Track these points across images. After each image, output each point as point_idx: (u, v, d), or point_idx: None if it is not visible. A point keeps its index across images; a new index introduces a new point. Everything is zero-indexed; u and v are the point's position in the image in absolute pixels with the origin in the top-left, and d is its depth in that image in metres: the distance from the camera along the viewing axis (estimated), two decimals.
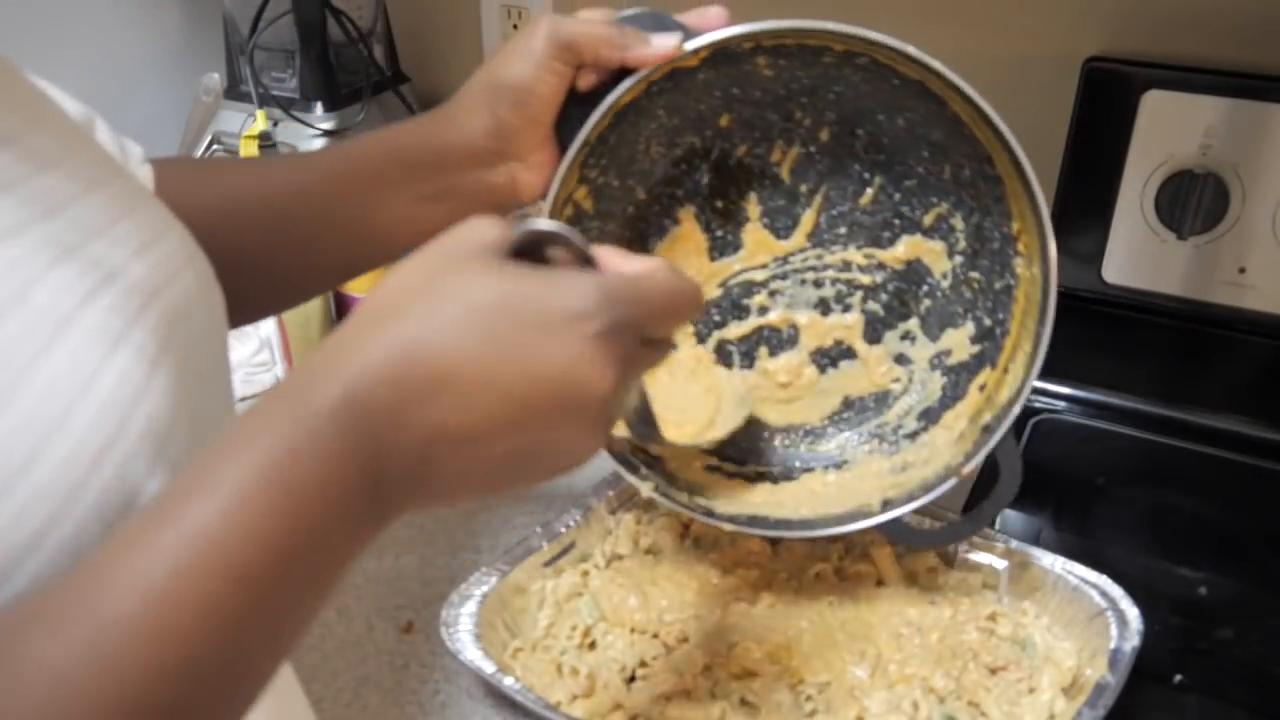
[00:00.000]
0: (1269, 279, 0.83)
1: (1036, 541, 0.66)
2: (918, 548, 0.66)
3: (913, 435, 0.65)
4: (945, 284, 0.64)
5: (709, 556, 0.68)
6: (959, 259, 0.63)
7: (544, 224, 0.38)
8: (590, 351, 0.35)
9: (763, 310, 0.65)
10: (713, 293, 0.65)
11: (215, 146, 1.11)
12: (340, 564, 0.34)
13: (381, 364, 0.33)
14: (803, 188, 0.63)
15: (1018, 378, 0.60)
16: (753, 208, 0.64)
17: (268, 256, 0.54)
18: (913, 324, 0.65)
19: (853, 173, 0.63)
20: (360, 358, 0.33)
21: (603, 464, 0.80)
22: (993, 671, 0.59)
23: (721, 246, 0.65)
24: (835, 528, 0.61)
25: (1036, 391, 0.94)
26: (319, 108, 1.09)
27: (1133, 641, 0.58)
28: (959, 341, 0.64)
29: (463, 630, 0.60)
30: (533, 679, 0.60)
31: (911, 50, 0.54)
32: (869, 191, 0.63)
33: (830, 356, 0.66)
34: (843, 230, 0.64)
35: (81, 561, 0.30)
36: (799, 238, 0.64)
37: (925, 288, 0.64)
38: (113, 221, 0.37)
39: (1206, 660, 0.66)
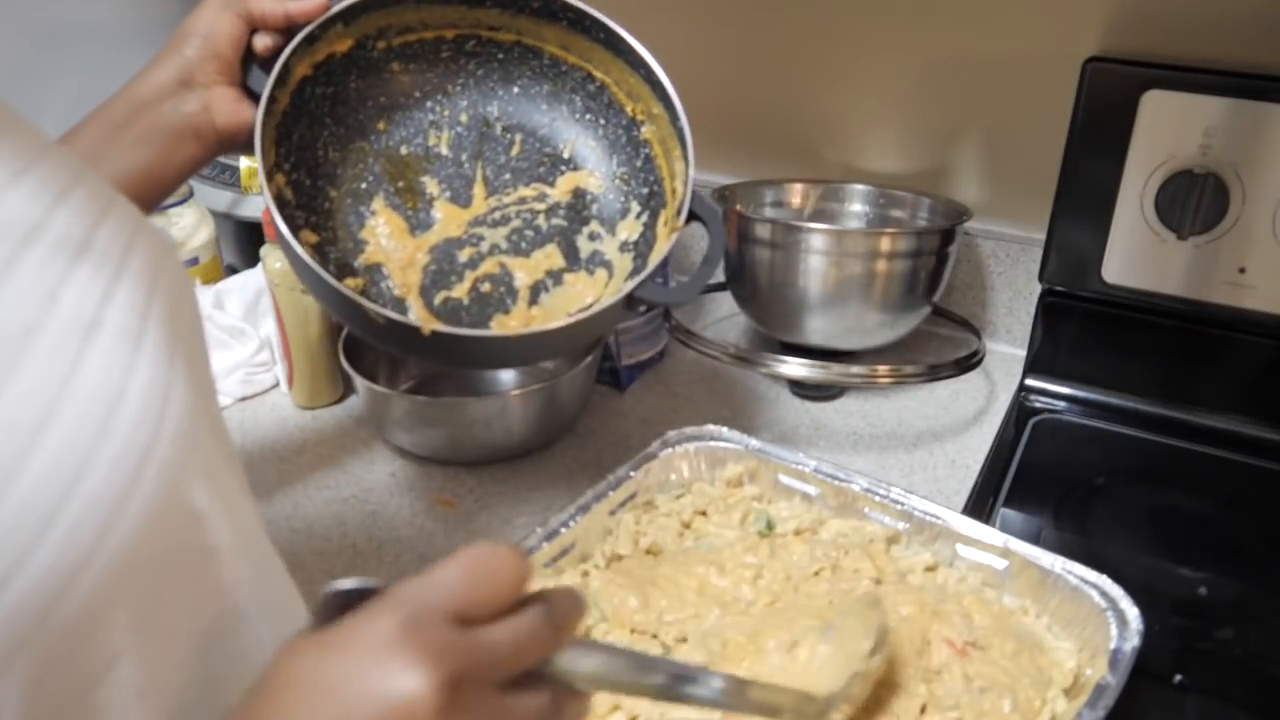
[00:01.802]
0: (1269, 279, 0.83)
1: (1036, 541, 0.66)
2: (659, 303, 0.72)
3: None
4: (605, 193, 0.74)
5: (709, 556, 0.68)
6: (604, 168, 0.75)
7: (341, 584, 0.36)
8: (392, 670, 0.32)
9: (474, 262, 0.71)
10: (424, 260, 0.70)
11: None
12: None
13: None
14: (463, 156, 0.74)
15: (683, 173, 0.70)
16: (433, 185, 0.72)
17: None
18: (594, 225, 0.74)
19: (497, 137, 0.74)
20: None
21: (602, 462, 0.80)
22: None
23: (419, 224, 0.71)
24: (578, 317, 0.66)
25: (1037, 391, 0.95)
26: None
27: (1133, 641, 0.58)
28: (632, 224, 0.73)
29: None
30: None
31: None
32: (514, 147, 0.74)
33: (545, 286, 0.72)
34: (508, 177, 0.74)
35: None
36: (479, 201, 0.73)
37: (591, 198, 0.74)
38: (103, 212, 0.36)
39: (1206, 660, 0.66)
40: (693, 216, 0.69)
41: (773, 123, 1.09)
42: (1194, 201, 0.82)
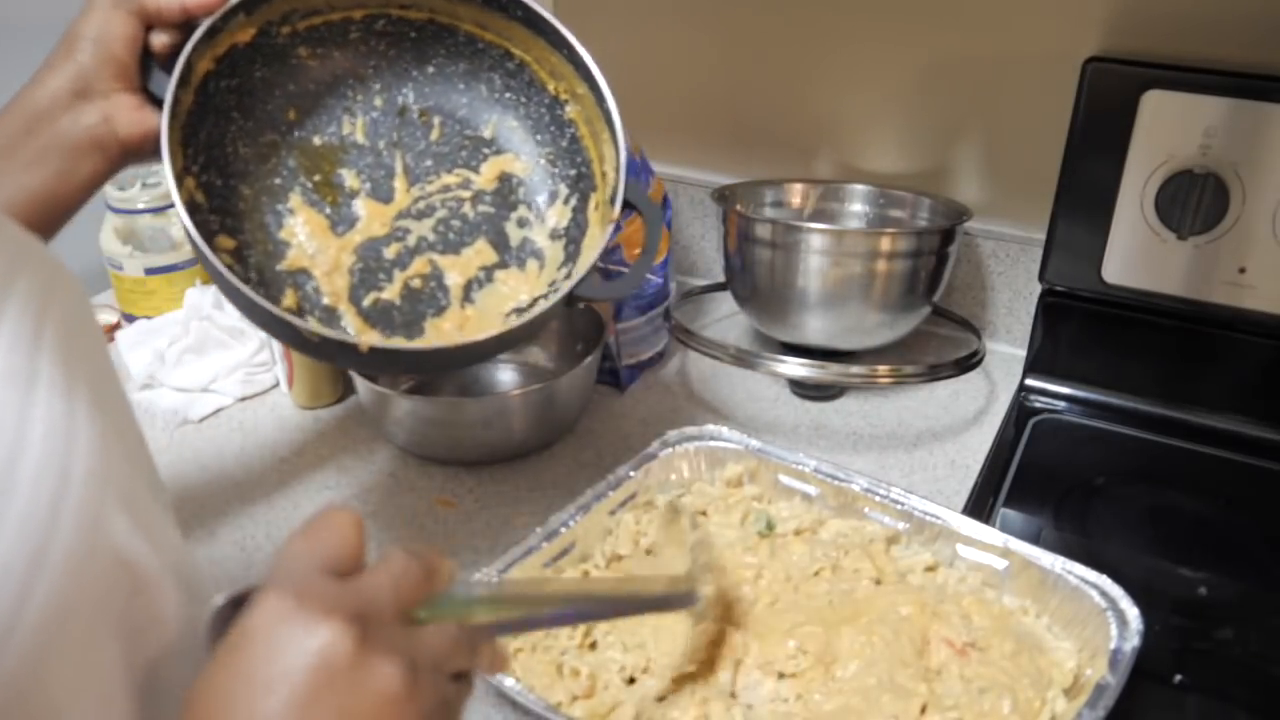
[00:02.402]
0: (1269, 279, 0.83)
1: (1036, 541, 0.66)
2: (600, 300, 0.72)
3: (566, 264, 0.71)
4: (531, 175, 0.73)
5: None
6: (529, 149, 0.72)
7: (218, 599, 0.37)
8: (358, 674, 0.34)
9: (402, 260, 0.69)
10: (350, 261, 0.68)
11: None
12: None
13: None
14: (381, 144, 0.71)
15: (613, 158, 0.68)
16: (351, 178, 0.69)
17: None
18: (522, 210, 0.72)
19: (415, 122, 0.71)
20: None
21: (602, 463, 0.80)
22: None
23: (340, 220, 0.69)
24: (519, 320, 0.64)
25: (1037, 391, 0.95)
26: None
27: (1133, 641, 0.58)
28: (561, 209, 0.72)
29: None
30: (533, 679, 0.60)
31: None
32: (434, 131, 0.72)
33: (478, 282, 0.70)
34: (429, 163, 0.72)
35: None
36: (401, 194, 0.70)
37: (517, 182, 0.72)
38: None
39: (1206, 660, 0.66)
40: (628, 205, 0.66)
41: (773, 123, 1.09)
42: (1194, 201, 0.82)
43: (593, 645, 0.63)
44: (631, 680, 0.60)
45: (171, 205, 1.02)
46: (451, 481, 0.83)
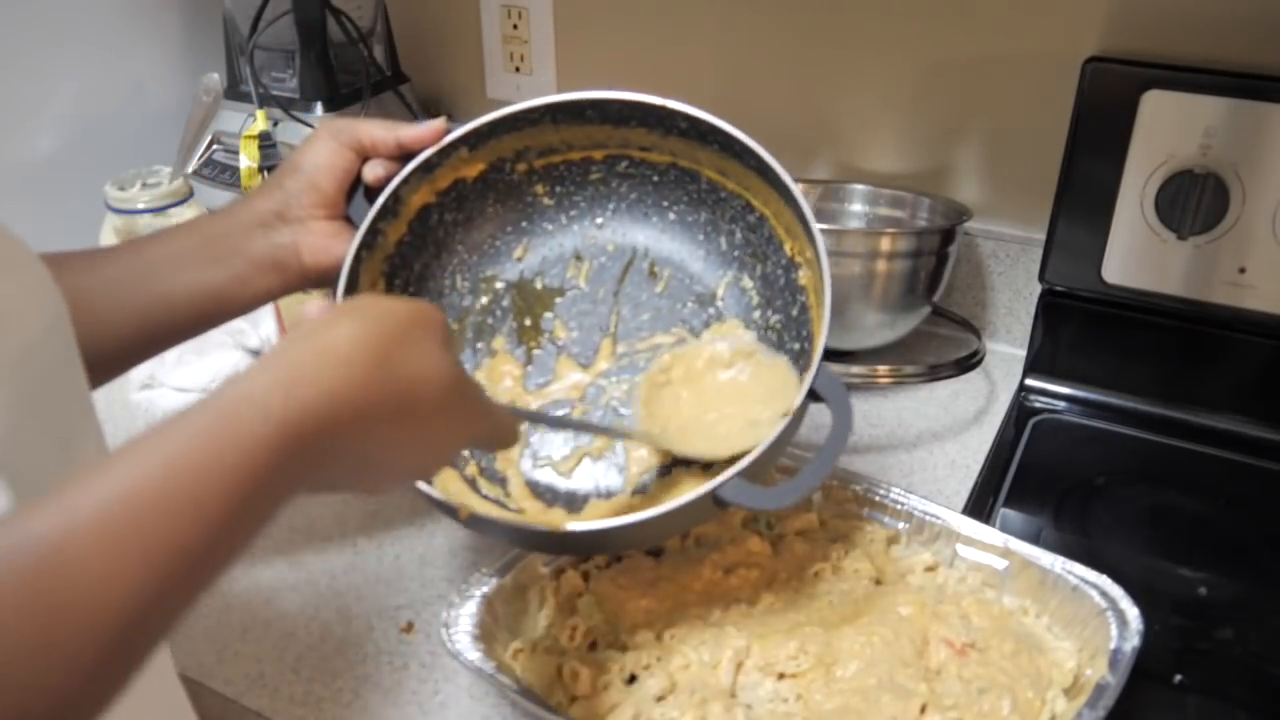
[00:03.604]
0: (1269, 279, 0.83)
1: (1036, 541, 0.66)
2: (765, 509, 0.65)
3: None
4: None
5: (710, 556, 0.67)
6: (756, 315, 0.66)
7: None
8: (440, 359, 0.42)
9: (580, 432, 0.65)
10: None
11: (215, 146, 1.11)
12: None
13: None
14: (601, 293, 0.67)
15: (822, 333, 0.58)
16: (560, 326, 0.67)
17: (81, 339, 0.53)
18: None
19: (643, 270, 0.67)
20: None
21: None
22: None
23: (537, 371, 0.66)
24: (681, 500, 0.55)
25: (1037, 391, 0.95)
26: (319, 108, 1.09)
27: (1133, 641, 0.58)
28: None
29: (463, 630, 0.60)
30: (533, 679, 0.60)
31: (652, 99, 0.61)
32: (660, 284, 0.67)
33: (657, 470, 0.64)
34: (646, 318, 0.67)
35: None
36: (603, 357, 0.66)
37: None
38: None
39: (1206, 660, 0.66)
40: (813, 396, 0.56)
41: (773, 123, 1.09)
42: (1194, 201, 0.82)
43: (592, 645, 0.63)
44: (631, 680, 0.60)
45: (173, 205, 1.02)
46: None
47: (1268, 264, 0.82)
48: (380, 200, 0.59)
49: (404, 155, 0.61)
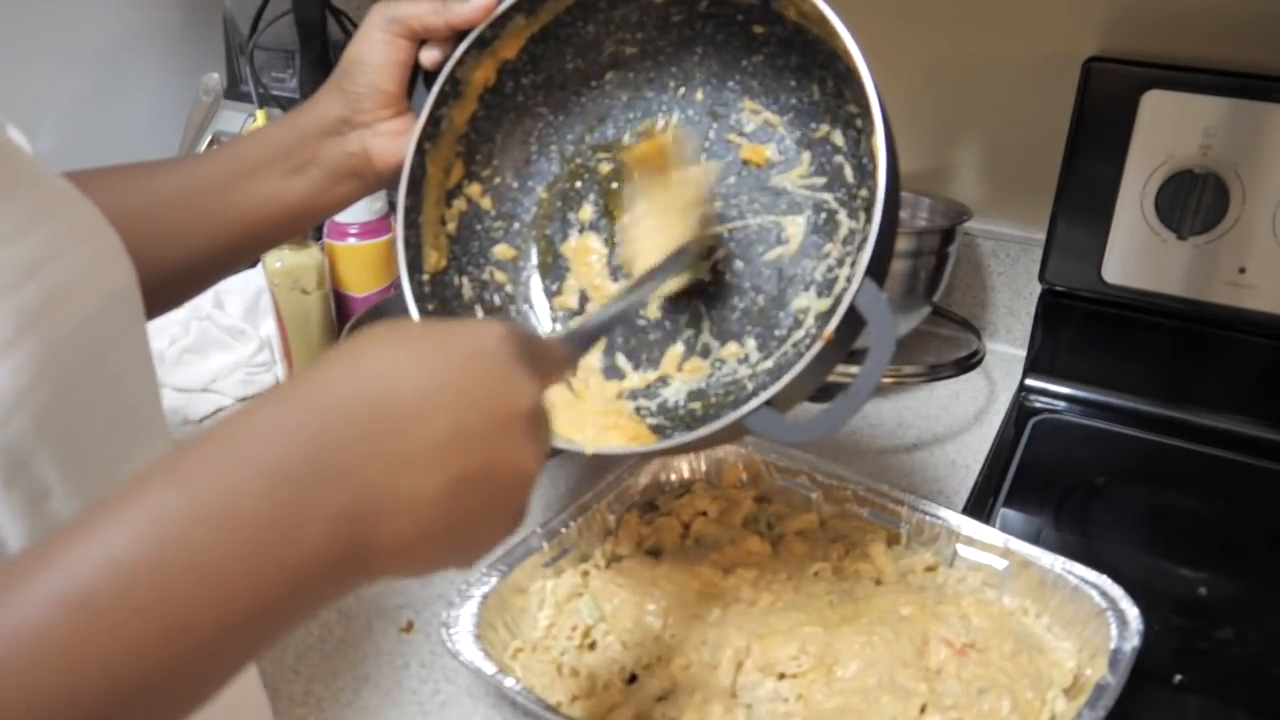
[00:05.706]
0: (1269, 279, 0.83)
1: (1036, 541, 0.66)
2: (793, 443, 0.63)
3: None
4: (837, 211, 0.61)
5: (709, 556, 0.68)
6: (844, 190, 0.60)
7: None
8: (510, 372, 0.37)
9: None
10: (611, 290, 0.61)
11: (215, 146, 1.11)
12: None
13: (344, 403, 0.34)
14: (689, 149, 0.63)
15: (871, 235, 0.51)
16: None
17: (155, 253, 0.53)
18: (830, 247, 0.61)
19: (734, 120, 0.62)
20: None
21: (602, 464, 0.80)
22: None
23: (613, 261, 0.64)
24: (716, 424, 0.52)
25: (1037, 391, 0.95)
26: None
27: (1133, 641, 0.58)
28: (837, 248, 0.61)
29: (463, 630, 0.60)
30: (533, 679, 0.60)
31: None
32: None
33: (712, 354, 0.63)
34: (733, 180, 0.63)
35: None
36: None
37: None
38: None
39: (1206, 660, 0.66)
40: (853, 317, 0.49)
41: None
42: (1194, 201, 0.83)
43: (592, 645, 0.63)
44: (631, 680, 0.60)
45: None
46: None
47: (1268, 264, 0.82)
48: (435, 88, 0.57)
49: (458, 35, 0.58)
